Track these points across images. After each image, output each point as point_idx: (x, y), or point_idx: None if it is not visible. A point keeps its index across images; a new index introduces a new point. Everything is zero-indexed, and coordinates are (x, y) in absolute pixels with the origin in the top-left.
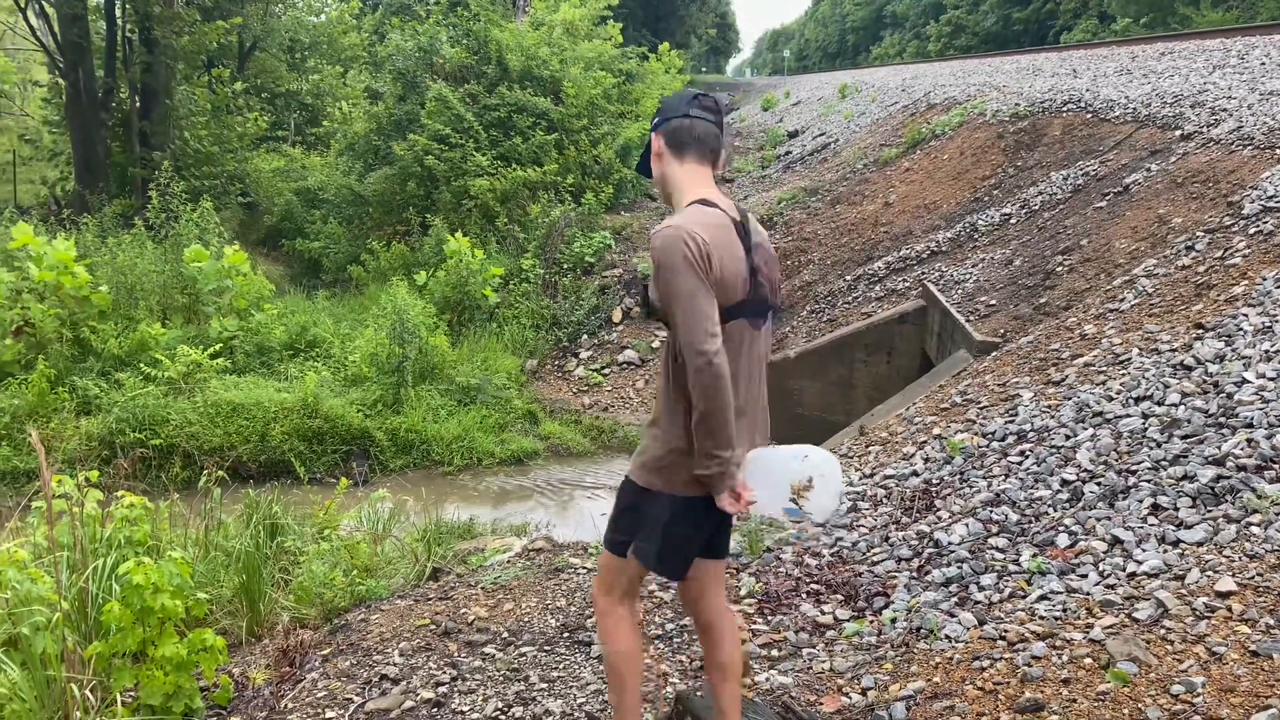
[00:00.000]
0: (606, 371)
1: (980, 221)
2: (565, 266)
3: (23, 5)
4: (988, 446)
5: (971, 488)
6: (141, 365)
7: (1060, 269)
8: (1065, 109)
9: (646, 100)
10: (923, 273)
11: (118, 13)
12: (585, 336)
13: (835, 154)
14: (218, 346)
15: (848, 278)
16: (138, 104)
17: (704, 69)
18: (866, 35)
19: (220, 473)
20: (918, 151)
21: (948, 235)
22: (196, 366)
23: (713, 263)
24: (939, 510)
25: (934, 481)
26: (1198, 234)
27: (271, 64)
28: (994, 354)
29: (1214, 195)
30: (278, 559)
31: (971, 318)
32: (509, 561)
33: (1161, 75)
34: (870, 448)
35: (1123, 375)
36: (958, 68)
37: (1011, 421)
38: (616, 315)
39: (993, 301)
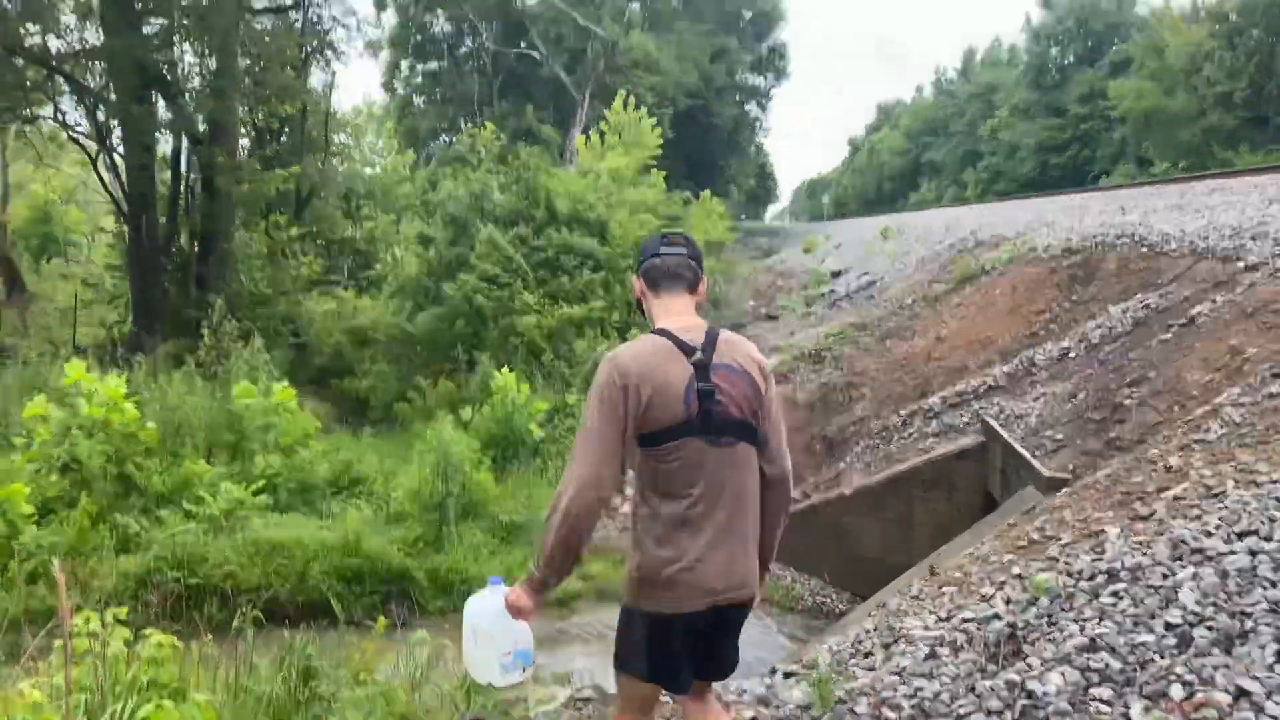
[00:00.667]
0: None
1: (1038, 356)
2: None
3: (94, 157)
4: (1075, 586)
5: (1063, 632)
6: (185, 502)
7: (1128, 402)
8: (1119, 243)
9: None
10: (981, 408)
11: (183, 163)
12: (629, 472)
13: (882, 291)
14: (261, 483)
15: (902, 413)
16: (197, 249)
17: (744, 216)
18: (904, 183)
19: (256, 612)
20: (968, 287)
21: (1004, 370)
22: (239, 504)
23: (633, 391)
24: (1028, 657)
25: (1019, 625)
26: None
27: (328, 211)
28: (1067, 489)
29: None
30: (310, 706)
31: (1037, 453)
32: (555, 712)
33: (1215, 209)
34: (944, 589)
35: (1220, 509)
36: (1001, 208)
37: (1100, 559)
38: None
39: (1059, 436)
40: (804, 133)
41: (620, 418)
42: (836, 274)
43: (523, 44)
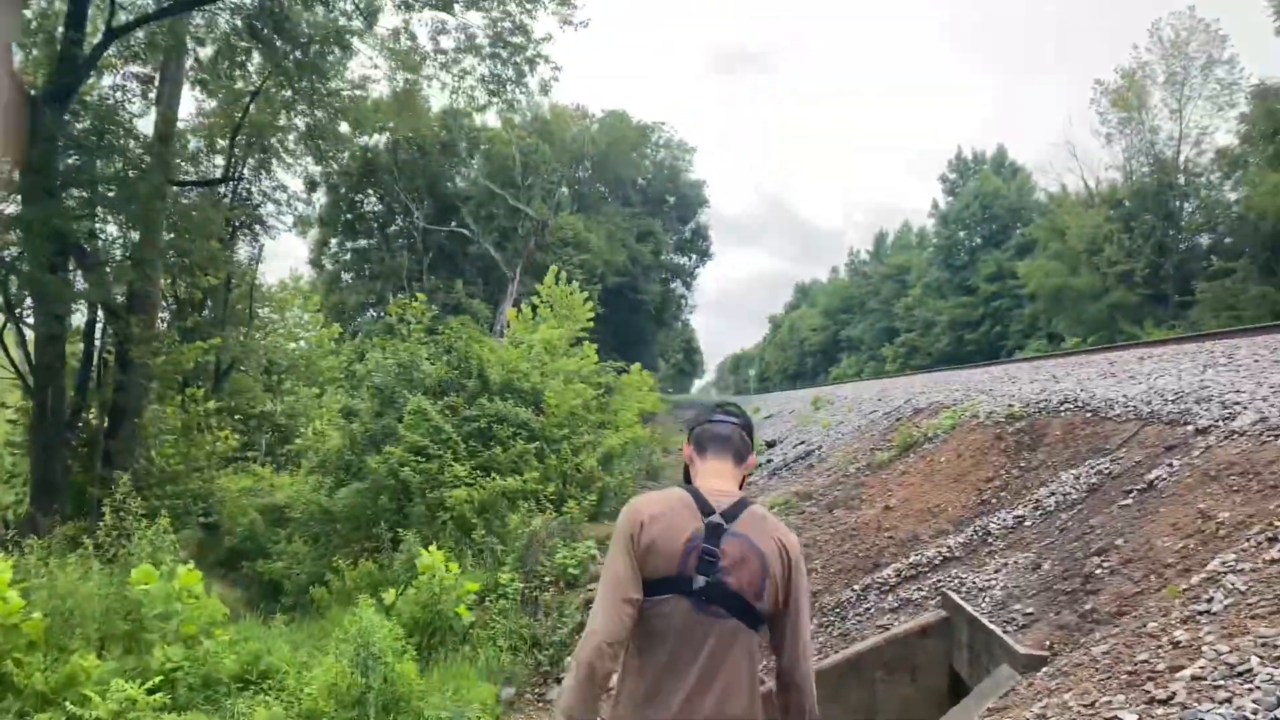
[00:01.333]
0: None
1: (991, 525)
2: (547, 580)
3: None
4: None
5: None
6: (68, 703)
7: (1099, 571)
8: (1063, 409)
9: (624, 412)
10: (939, 580)
11: (96, 334)
12: (569, 659)
13: (822, 460)
14: (158, 679)
15: (855, 587)
16: (105, 424)
17: (671, 390)
18: (824, 357)
19: None
20: (911, 455)
21: (959, 540)
22: (130, 703)
23: (644, 531)
24: None
25: None
26: (1276, 524)
27: (248, 384)
28: (1047, 668)
29: (1259, 486)
30: None
31: (1009, 628)
32: None
33: (1150, 376)
34: None
35: (1251, 690)
36: (928, 379)
37: None
38: None
39: (1028, 610)
40: (725, 305)
41: (630, 561)
42: (771, 444)
43: (454, 223)
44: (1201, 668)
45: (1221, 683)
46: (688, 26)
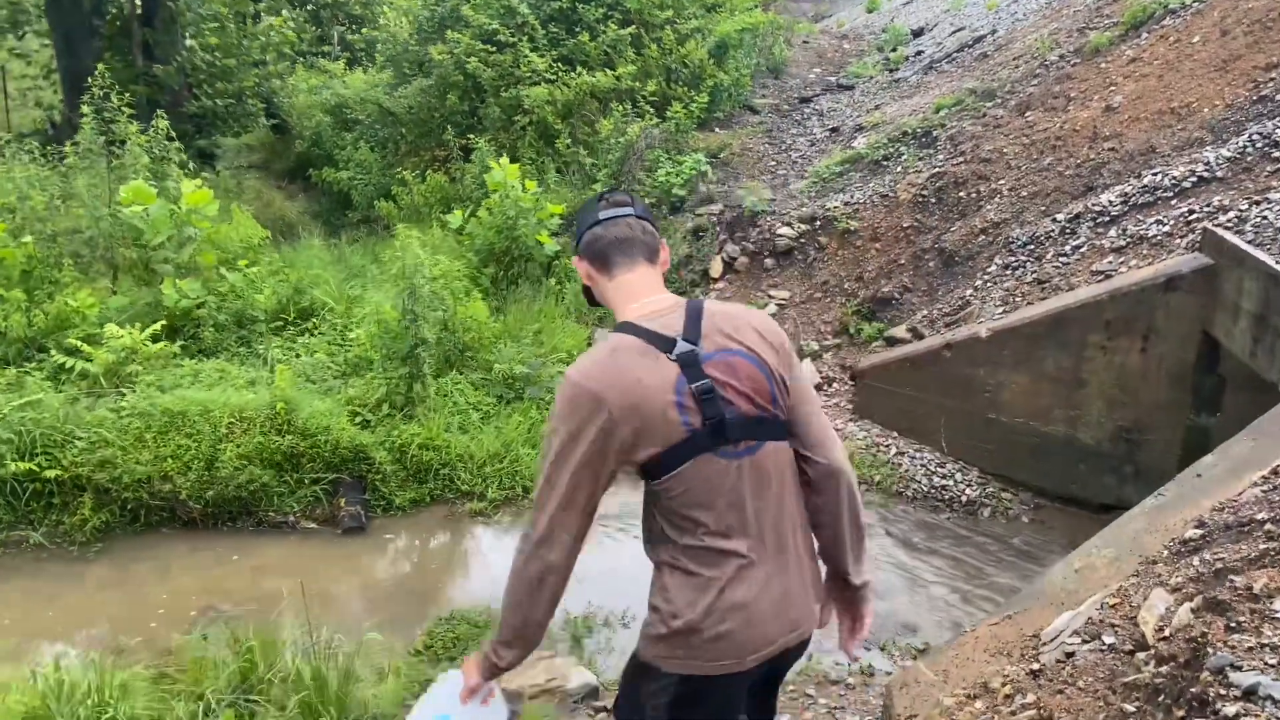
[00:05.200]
0: None
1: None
2: (647, 203)
3: None
4: None
5: None
6: (52, 353)
7: None
8: None
9: None
10: (1190, 209)
11: None
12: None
13: (999, 48)
14: (168, 321)
15: (1058, 216)
16: (137, 7)
17: None
18: None
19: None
20: (1145, 33)
21: (1224, 154)
22: (129, 354)
23: (602, 421)
24: None
25: None
26: None
27: None
28: None
29: None
30: None
31: None
32: None
33: None
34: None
35: None
36: None
37: None
38: (715, 268)
39: None
40: None
41: (587, 460)
42: (917, 32)
43: None
44: None
45: None
46: None
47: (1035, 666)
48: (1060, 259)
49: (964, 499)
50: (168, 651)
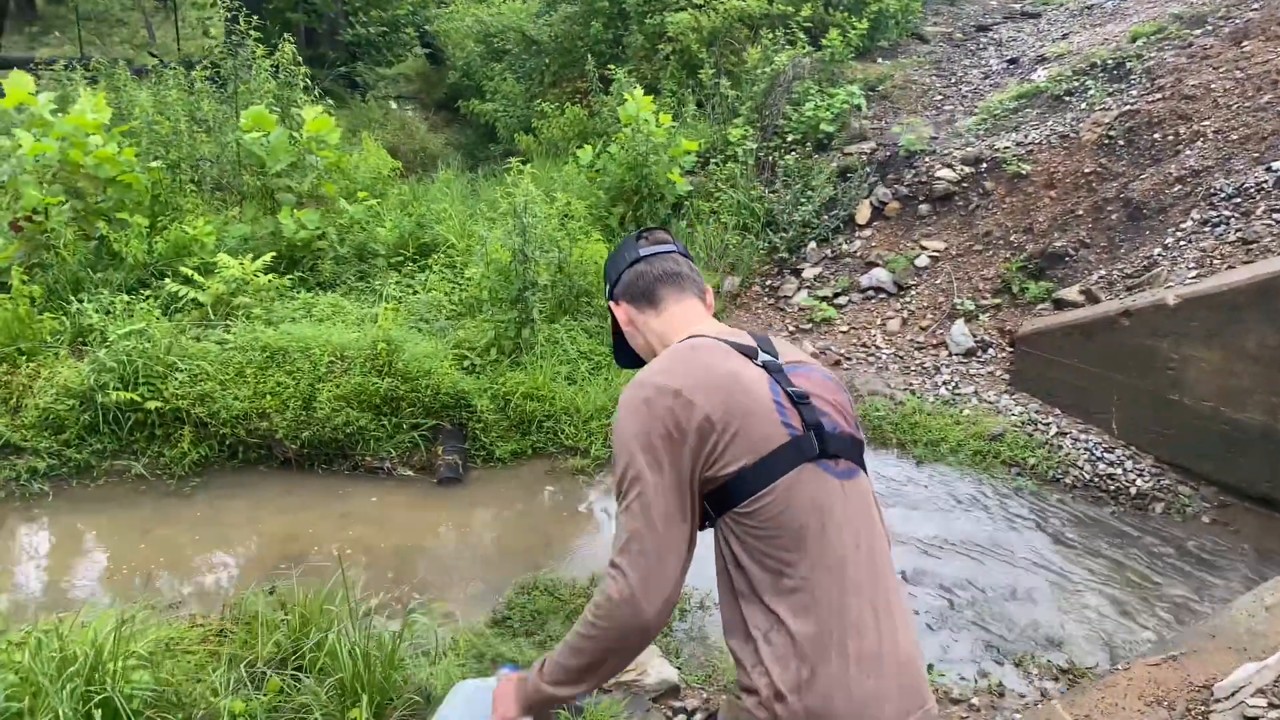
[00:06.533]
0: (842, 301)
1: None
2: (790, 139)
3: None
4: None
5: None
6: (168, 282)
7: None
8: None
9: None
10: None
11: None
12: (814, 245)
13: None
14: (288, 252)
15: (1276, 166)
16: None
17: None
18: None
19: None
20: None
21: None
22: (240, 285)
23: (697, 419)
24: None
25: None
26: None
27: None
28: None
29: None
30: None
31: None
32: None
33: None
34: None
35: None
36: None
37: None
38: (863, 213)
39: None
40: None
41: (681, 470)
42: None
43: None
44: None
45: None
46: None
47: None
48: (1274, 215)
49: (1133, 491)
50: (236, 604)
